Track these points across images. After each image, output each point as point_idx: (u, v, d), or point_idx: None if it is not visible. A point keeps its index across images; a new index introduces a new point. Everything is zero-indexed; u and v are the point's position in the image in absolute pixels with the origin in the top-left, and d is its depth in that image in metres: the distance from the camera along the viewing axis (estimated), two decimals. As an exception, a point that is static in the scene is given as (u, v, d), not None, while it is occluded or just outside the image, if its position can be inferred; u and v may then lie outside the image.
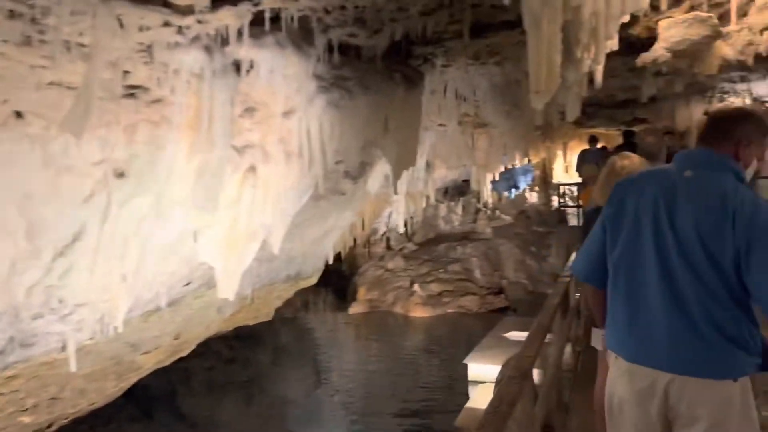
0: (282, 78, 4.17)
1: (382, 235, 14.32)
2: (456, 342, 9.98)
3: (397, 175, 5.60)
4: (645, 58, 5.10)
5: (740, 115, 1.94)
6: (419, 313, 11.30)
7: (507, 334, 7.99)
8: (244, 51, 3.90)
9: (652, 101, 11.55)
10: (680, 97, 11.00)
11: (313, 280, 8.12)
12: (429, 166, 13.04)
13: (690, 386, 1.79)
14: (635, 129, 11.96)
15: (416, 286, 11.63)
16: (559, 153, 14.70)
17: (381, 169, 8.05)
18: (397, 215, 10.87)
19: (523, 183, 18.94)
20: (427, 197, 14.07)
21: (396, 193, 6.60)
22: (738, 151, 1.87)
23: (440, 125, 9.82)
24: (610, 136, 14.39)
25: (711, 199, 1.80)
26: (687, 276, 1.79)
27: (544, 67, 3.27)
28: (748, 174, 1.90)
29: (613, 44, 4.48)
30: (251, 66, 4.01)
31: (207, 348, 9.59)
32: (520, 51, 7.26)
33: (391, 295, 11.79)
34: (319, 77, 4.49)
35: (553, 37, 3.33)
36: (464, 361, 7.11)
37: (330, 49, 4.59)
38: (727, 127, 1.90)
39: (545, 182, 14.65)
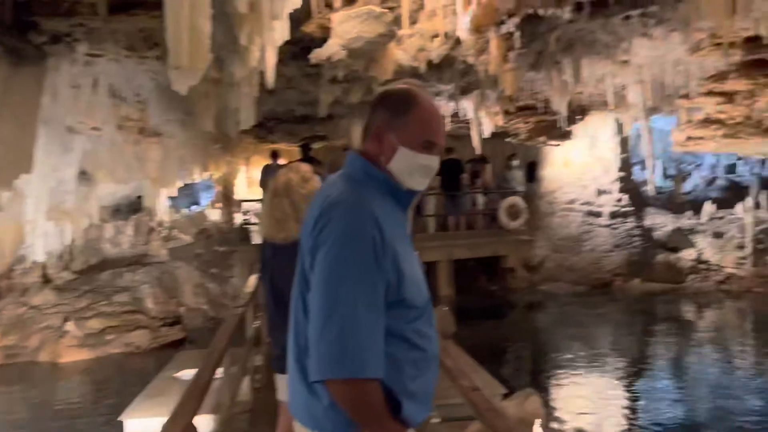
0: None
1: (35, 263, 11.69)
2: (122, 389, 8.38)
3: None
4: (319, 54, 4.60)
5: (375, 103, 1.61)
6: (74, 356, 9.28)
7: (179, 374, 6.82)
8: None
9: (330, 118, 11.65)
10: (356, 114, 11.27)
11: None
12: (89, 178, 11.10)
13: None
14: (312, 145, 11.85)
15: (70, 325, 9.57)
16: (242, 168, 14.02)
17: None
18: (35, 238, 8.74)
19: (206, 199, 17.81)
20: (90, 216, 12.06)
21: None
22: (372, 144, 1.56)
23: (94, 129, 8.17)
24: (292, 152, 14.26)
25: (314, 213, 1.50)
26: (294, 308, 1.54)
27: (185, 34, 2.36)
28: (398, 168, 1.54)
29: (284, 31, 3.80)
30: None
31: None
32: (185, 44, 6.24)
33: (36, 339, 9.49)
34: None
35: (197, -5, 2.44)
36: (120, 418, 5.72)
37: None
38: (367, 121, 1.60)
39: (227, 198, 13.77)
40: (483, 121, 9.56)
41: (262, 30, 3.33)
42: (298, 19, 5.18)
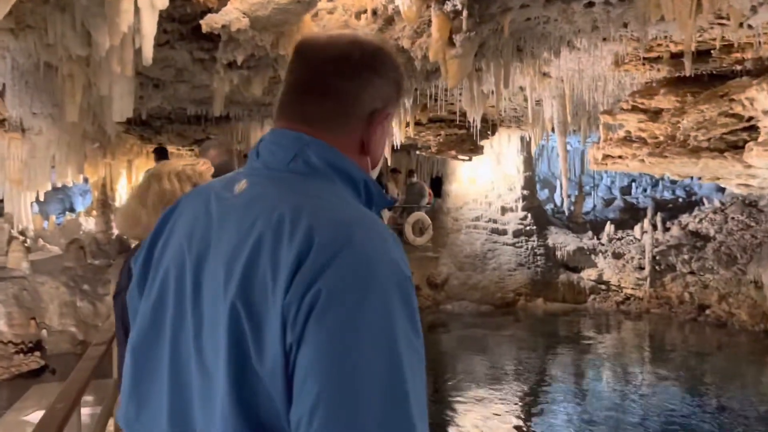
0: None
1: None
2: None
3: None
4: (213, 20, 3.69)
5: (365, 58, 0.90)
6: None
7: (28, 417, 5.60)
8: None
9: (225, 120, 10.62)
10: (254, 117, 10.32)
11: None
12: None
13: None
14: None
15: None
16: (124, 171, 12.56)
17: None
18: None
19: (82, 206, 16.01)
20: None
21: None
22: (368, 133, 0.91)
23: (-70, 116, 6.73)
24: (184, 155, 13.02)
25: (263, 234, 0.78)
26: (202, 384, 0.83)
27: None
28: (376, 171, 0.97)
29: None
30: None
31: None
32: (48, 14, 5.12)
33: None
34: None
35: None
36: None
37: None
38: (342, 84, 0.89)
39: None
40: (395, 131, 8.94)
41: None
42: (189, -11, 4.28)
